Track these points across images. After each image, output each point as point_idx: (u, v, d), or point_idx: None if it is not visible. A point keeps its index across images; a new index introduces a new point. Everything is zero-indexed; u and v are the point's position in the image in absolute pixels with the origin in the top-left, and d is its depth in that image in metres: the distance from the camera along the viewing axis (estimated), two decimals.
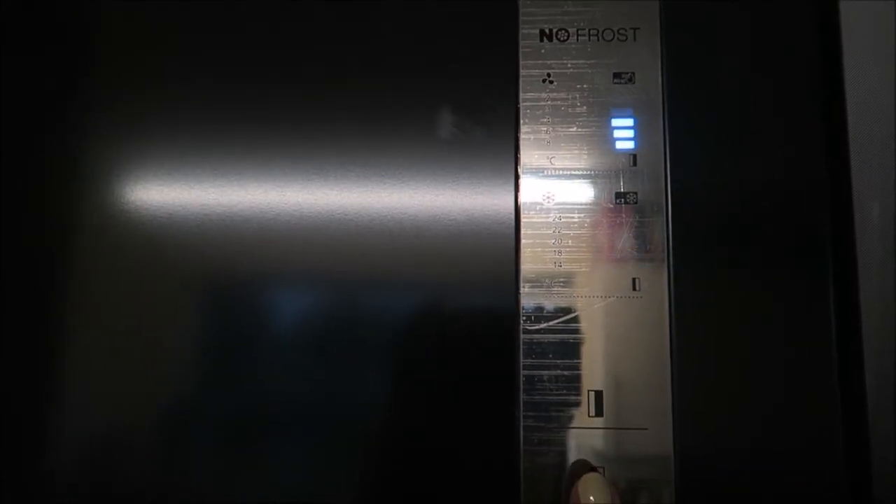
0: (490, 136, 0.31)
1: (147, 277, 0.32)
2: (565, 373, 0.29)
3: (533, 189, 0.31)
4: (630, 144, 0.31)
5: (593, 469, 0.29)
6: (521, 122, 0.31)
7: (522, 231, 0.31)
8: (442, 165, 0.31)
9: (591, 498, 0.28)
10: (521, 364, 0.30)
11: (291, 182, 0.32)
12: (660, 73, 0.31)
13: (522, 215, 0.31)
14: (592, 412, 0.29)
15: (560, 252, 0.30)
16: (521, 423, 0.29)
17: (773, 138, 0.31)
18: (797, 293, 0.29)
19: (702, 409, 0.29)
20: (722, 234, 0.30)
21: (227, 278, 0.32)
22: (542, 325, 0.30)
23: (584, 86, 0.31)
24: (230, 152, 0.33)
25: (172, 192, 0.32)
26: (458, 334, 0.30)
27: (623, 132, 0.31)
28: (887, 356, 0.29)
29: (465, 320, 0.30)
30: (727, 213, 0.30)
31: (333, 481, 0.30)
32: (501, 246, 0.31)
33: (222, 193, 0.32)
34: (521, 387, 0.29)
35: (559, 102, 0.31)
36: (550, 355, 0.30)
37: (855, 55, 0.31)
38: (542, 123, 0.31)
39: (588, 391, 0.29)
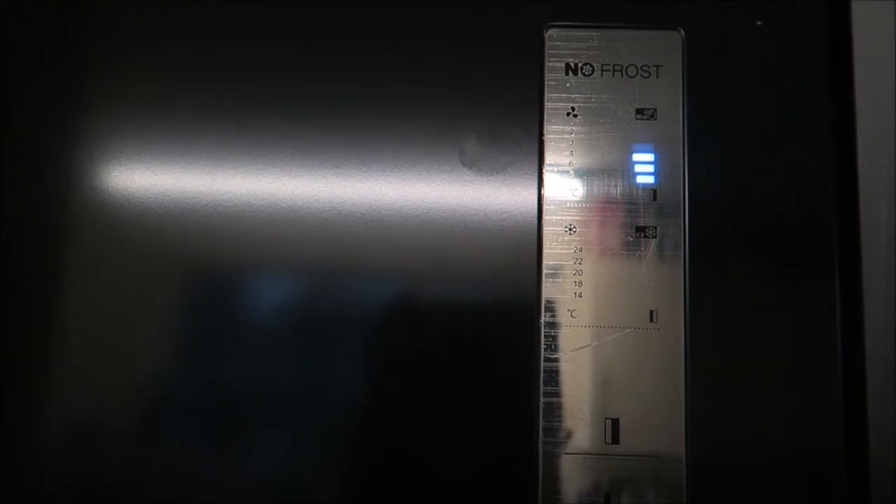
0: (513, 165, 0.32)
1: (130, 266, 0.32)
2: (581, 402, 0.30)
3: (557, 218, 0.32)
4: (650, 179, 0.32)
5: None
6: (546, 153, 0.32)
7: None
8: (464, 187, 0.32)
9: None
10: (541, 391, 0.31)
11: (293, 172, 0.33)
12: (681, 110, 0.32)
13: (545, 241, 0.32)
14: (609, 439, 0.30)
15: (580, 283, 0.31)
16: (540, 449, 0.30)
17: (789, 170, 0.32)
18: (811, 323, 0.31)
19: (716, 440, 0.30)
20: (739, 267, 0.31)
21: (237, 268, 0.32)
22: (558, 354, 0.31)
23: (608, 120, 0.32)
24: (223, 140, 0.33)
25: (155, 180, 0.33)
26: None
27: (644, 167, 0.32)
28: (890, 368, 0.30)
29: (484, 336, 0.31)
30: (746, 247, 0.31)
31: (333, 474, 0.31)
32: (524, 271, 0.31)
33: (211, 181, 0.32)
34: (540, 413, 0.30)
35: (583, 136, 0.32)
36: (566, 385, 0.30)
37: (866, 76, 0.32)
38: (565, 156, 0.32)
39: (605, 419, 0.30)
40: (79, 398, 0.32)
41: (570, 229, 0.32)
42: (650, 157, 0.32)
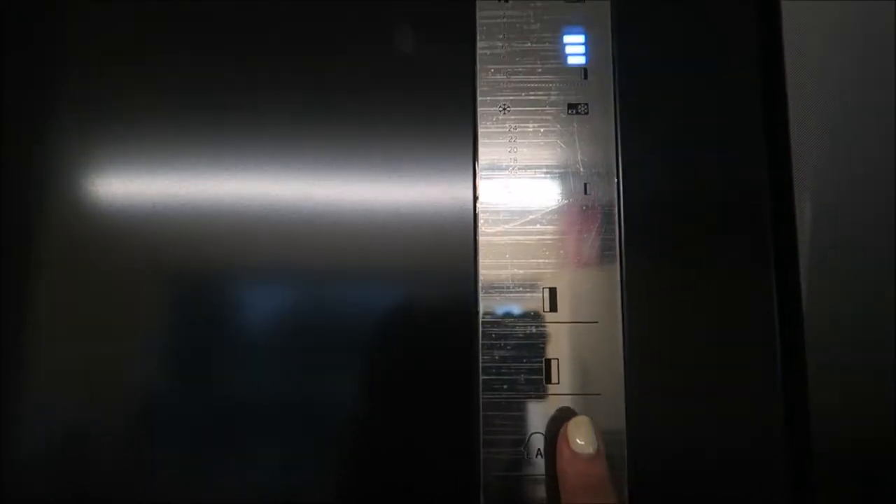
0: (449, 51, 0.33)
1: (116, 272, 0.32)
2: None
3: (492, 101, 0.32)
4: (581, 59, 0.33)
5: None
6: (479, 38, 0.33)
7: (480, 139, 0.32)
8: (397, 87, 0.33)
9: (580, 441, 0.29)
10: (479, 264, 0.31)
11: (258, 175, 0.32)
12: None
13: (480, 126, 0.32)
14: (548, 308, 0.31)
15: (516, 159, 0.32)
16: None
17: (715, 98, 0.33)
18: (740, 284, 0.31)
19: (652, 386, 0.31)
20: (669, 139, 0.32)
21: (193, 273, 0.32)
22: (500, 228, 0.31)
23: (538, 3, 0.33)
24: (196, 145, 0.33)
25: (141, 186, 0.33)
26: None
27: (574, 48, 0.33)
28: (828, 352, 0.30)
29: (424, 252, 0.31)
30: (674, 120, 0.32)
31: (303, 476, 0.31)
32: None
33: (187, 187, 0.32)
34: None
35: (514, 20, 0.33)
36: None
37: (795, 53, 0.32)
38: (499, 39, 0.33)
39: (543, 288, 0.31)
40: (69, 405, 0.31)
41: (504, 108, 0.32)
42: (580, 38, 0.33)
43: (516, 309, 0.31)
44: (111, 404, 0.31)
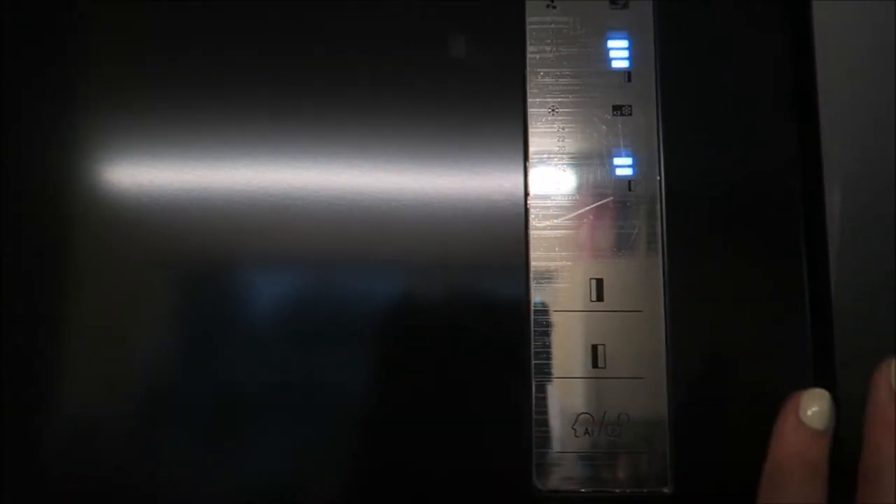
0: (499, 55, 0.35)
1: (130, 263, 0.33)
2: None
3: (541, 103, 0.34)
4: (625, 63, 0.34)
5: None
6: (528, 43, 0.35)
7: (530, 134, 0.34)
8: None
9: (813, 409, 0.27)
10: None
11: (285, 163, 0.34)
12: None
13: (530, 126, 0.34)
14: (594, 297, 0.33)
15: (564, 157, 0.34)
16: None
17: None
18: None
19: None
20: (708, 140, 0.34)
21: (225, 263, 0.33)
22: (550, 222, 0.33)
23: (584, 9, 0.35)
24: (217, 133, 0.34)
25: (155, 174, 0.33)
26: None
27: (618, 52, 0.35)
28: (856, 341, 0.32)
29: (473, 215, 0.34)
30: (714, 121, 0.34)
31: (329, 468, 0.33)
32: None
33: (207, 176, 0.34)
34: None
35: (562, 26, 0.35)
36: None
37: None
38: (547, 44, 0.35)
39: (590, 279, 0.33)
40: (80, 395, 0.33)
41: (553, 110, 0.34)
42: (624, 42, 0.35)
43: (565, 298, 0.33)
44: (125, 393, 0.33)
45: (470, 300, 0.33)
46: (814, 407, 0.27)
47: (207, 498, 0.33)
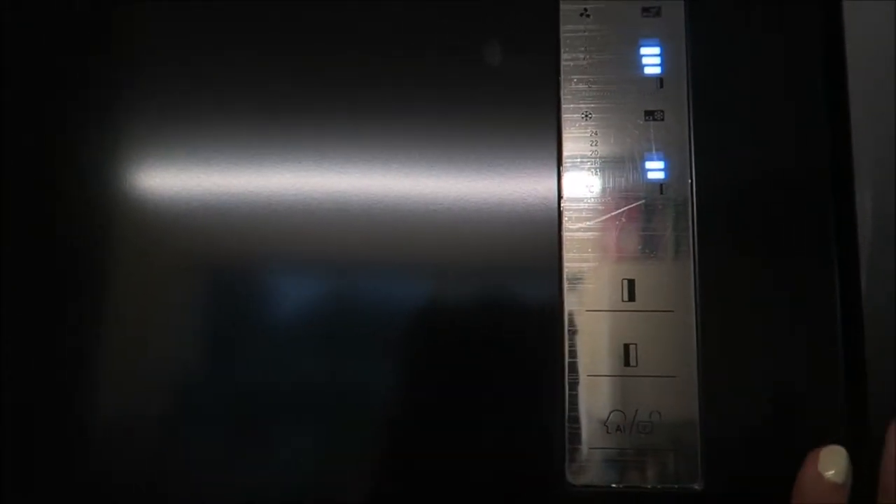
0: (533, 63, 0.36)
1: (161, 264, 0.34)
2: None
3: (574, 108, 0.35)
4: (657, 70, 0.35)
5: None
6: (562, 50, 0.36)
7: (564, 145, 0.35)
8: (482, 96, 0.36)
9: (831, 471, 0.28)
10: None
11: (324, 168, 0.35)
12: (683, 7, 0.36)
13: (564, 131, 0.35)
14: (626, 297, 0.34)
15: (597, 161, 0.35)
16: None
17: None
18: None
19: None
20: (738, 144, 0.35)
21: (259, 266, 0.35)
22: (583, 224, 0.34)
23: (617, 17, 0.36)
24: (246, 137, 0.35)
25: (187, 179, 0.35)
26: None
27: (650, 59, 0.35)
28: (886, 346, 0.32)
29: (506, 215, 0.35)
30: (744, 126, 0.35)
31: (363, 468, 0.34)
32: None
33: (236, 179, 0.35)
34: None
35: (595, 34, 0.36)
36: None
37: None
38: (580, 51, 0.36)
39: (622, 280, 0.34)
40: (111, 395, 0.34)
41: (587, 114, 0.35)
42: (656, 49, 0.35)
43: (597, 298, 0.34)
44: (155, 393, 0.34)
45: (504, 301, 0.34)
46: (831, 469, 0.29)
47: (235, 497, 0.33)
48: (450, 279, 0.34)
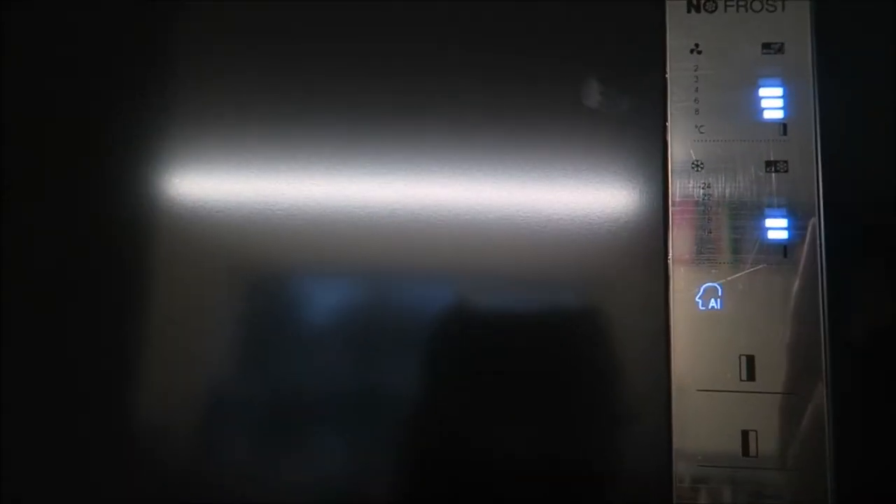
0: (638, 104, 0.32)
1: (198, 270, 0.33)
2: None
3: (681, 153, 0.31)
4: (779, 114, 0.31)
5: None
6: (670, 92, 0.32)
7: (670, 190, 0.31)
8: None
9: None
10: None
11: (417, 181, 0.33)
12: (809, 44, 0.31)
13: (671, 185, 0.31)
14: (744, 376, 0.30)
15: (709, 221, 0.31)
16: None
17: None
18: None
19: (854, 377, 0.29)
20: (874, 201, 0.30)
21: (307, 272, 0.33)
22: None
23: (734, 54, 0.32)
24: (286, 144, 0.33)
25: (224, 187, 0.33)
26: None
27: (771, 101, 0.31)
28: None
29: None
30: (880, 180, 0.30)
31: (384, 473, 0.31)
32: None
33: (277, 186, 0.33)
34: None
35: (708, 72, 0.32)
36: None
37: None
38: (691, 93, 0.32)
39: (740, 356, 0.30)
40: (149, 399, 0.33)
41: (698, 165, 0.31)
42: (779, 91, 0.31)
43: (711, 376, 0.30)
44: (191, 398, 0.32)
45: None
46: None
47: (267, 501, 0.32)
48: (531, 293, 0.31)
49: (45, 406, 0.33)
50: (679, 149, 0.31)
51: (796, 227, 0.30)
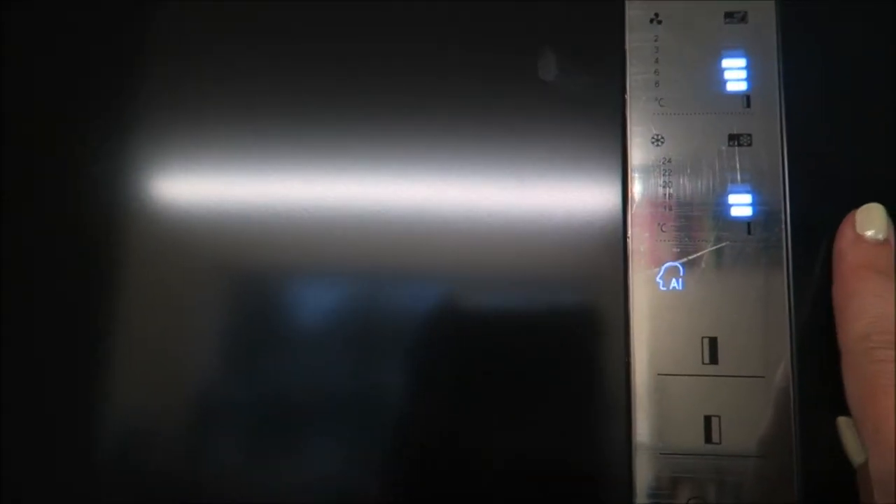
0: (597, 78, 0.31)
1: (182, 272, 0.32)
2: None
3: (641, 127, 0.30)
4: (743, 86, 0.30)
5: None
6: (629, 63, 0.30)
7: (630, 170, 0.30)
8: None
9: (870, 232, 0.27)
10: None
11: (404, 181, 0.31)
12: (773, 12, 0.30)
13: (631, 159, 0.30)
14: (707, 360, 0.28)
15: (669, 198, 0.29)
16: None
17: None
18: None
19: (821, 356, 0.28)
20: (840, 175, 0.29)
21: (293, 273, 0.32)
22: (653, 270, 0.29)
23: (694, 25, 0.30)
24: (276, 143, 0.32)
25: (207, 187, 0.32)
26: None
27: (735, 73, 0.30)
28: None
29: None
30: (846, 153, 0.29)
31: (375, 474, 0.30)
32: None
33: (263, 186, 0.32)
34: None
35: (669, 43, 0.30)
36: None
37: None
38: (650, 65, 0.30)
39: (702, 338, 0.28)
40: (133, 402, 0.31)
41: (658, 139, 0.30)
42: (742, 62, 0.30)
43: (674, 360, 0.28)
44: (177, 400, 0.31)
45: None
46: (870, 228, 0.27)
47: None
48: (505, 294, 0.30)
49: (32, 410, 0.31)
50: (639, 122, 0.30)
51: (760, 203, 0.29)
